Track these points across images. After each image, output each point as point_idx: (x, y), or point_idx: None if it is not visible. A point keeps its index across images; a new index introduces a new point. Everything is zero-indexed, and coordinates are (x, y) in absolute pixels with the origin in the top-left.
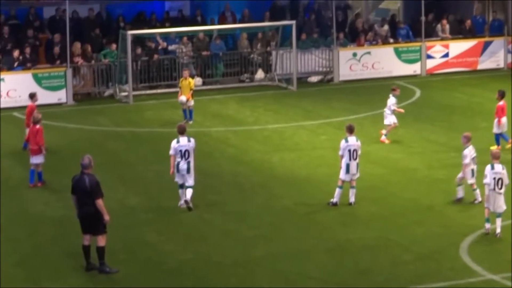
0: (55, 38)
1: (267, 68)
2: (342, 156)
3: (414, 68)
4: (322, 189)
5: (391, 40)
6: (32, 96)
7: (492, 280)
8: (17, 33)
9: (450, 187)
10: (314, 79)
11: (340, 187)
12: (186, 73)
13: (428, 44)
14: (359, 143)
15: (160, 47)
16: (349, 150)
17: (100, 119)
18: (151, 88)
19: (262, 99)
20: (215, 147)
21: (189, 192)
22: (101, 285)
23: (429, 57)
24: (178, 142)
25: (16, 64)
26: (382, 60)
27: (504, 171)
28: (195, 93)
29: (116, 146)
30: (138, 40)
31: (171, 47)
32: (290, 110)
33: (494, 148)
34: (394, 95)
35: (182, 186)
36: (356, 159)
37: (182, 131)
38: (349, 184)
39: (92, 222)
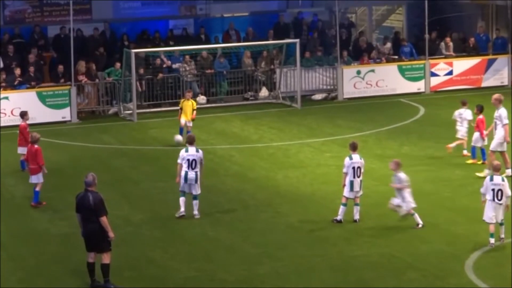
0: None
1: (271, 86)
2: (346, 174)
3: (418, 86)
4: (327, 206)
5: (395, 58)
6: (23, 115)
7: None
8: (22, 52)
9: (455, 204)
10: (318, 96)
11: (344, 205)
12: (189, 94)
13: (432, 61)
14: (362, 160)
15: (164, 66)
16: (353, 168)
17: (105, 137)
18: (155, 106)
19: (266, 117)
20: (220, 164)
21: (195, 205)
22: None
23: (433, 74)
24: (186, 151)
25: (19, 82)
26: (386, 78)
27: (504, 183)
28: (199, 111)
29: (121, 164)
30: (142, 59)
31: (175, 66)
32: (294, 128)
33: (495, 161)
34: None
35: (184, 194)
36: (359, 176)
37: (191, 141)
38: (353, 201)
39: (96, 240)
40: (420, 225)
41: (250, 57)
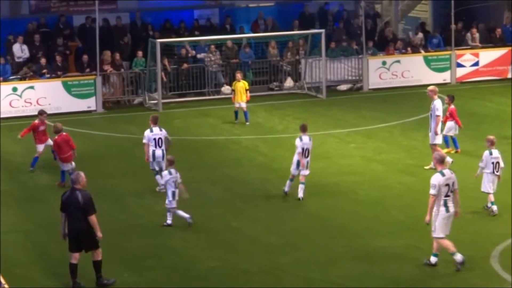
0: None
1: (297, 77)
2: (300, 153)
3: (443, 77)
4: (351, 197)
5: (421, 49)
6: (41, 113)
7: None
8: (48, 41)
9: (479, 195)
10: (343, 87)
11: (291, 180)
12: (239, 75)
13: (458, 52)
14: (311, 142)
15: (189, 56)
16: (303, 149)
17: (129, 126)
18: (180, 96)
19: (291, 107)
20: (245, 155)
21: (158, 180)
22: None
23: (459, 65)
24: (151, 131)
25: (45, 72)
26: (412, 69)
27: (500, 155)
28: (224, 101)
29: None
30: (167, 48)
31: (200, 56)
32: (319, 119)
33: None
34: None
35: (157, 172)
36: (307, 157)
37: (155, 121)
38: (299, 179)
39: (84, 239)
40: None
41: (275, 47)
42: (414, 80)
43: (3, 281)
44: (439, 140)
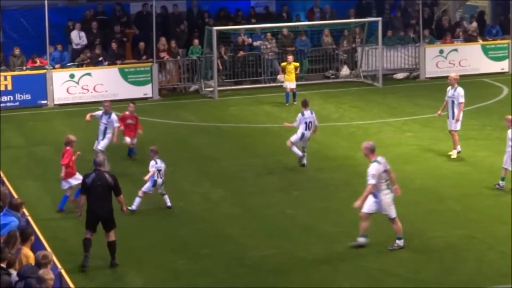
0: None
1: (353, 65)
2: (298, 127)
3: (502, 66)
4: (407, 185)
5: (479, 38)
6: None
7: None
8: (105, 28)
9: None
10: (400, 76)
11: (303, 151)
12: (290, 58)
13: None
14: (314, 115)
15: (245, 43)
16: (305, 122)
17: (185, 114)
18: (236, 83)
19: (347, 95)
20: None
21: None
22: (181, 278)
23: None
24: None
25: (102, 59)
26: (469, 58)
27: None
28: (279, 89)
29: (201, 141)
30: (223, 36)
31: (256, 43)
32: (375, 107)
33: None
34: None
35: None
36: (310, 129)
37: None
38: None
39: (108, 219)
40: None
41: (329, 35)
42: (472, 69)
43: (59, 265)
44: (459, 126)
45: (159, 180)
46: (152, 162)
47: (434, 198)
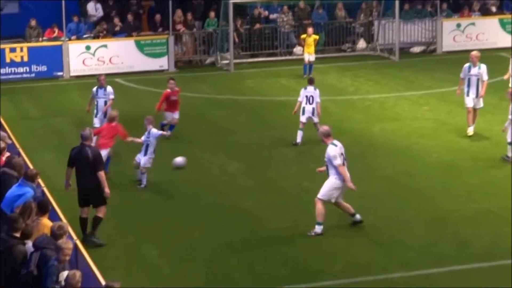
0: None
1: (369, 38)
2: (300, 102)
3: None
4: (423, 160)
5: (494, 11)
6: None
7: None
8: (121, 0)
9: None
10: (416, 49)
11: (301, 129)
12: (310, 30)
13: None
14: (317, 91)
15: (262, 16)
16: (306, 96)
17: (201, 86)
18: (252, 56)
19: (363, 69)
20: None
21: None
22: (197, 249)
23: None
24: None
25: (118, 29)
26: (487, 31)
27: None
28: (296, 62)
29: (217, 113)
30: (240, 9)
31: (272, 16)
32: (391, 80)
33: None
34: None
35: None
36: (312, 103)
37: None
38: (314, 127)
39: (93, 195)
40: None
41: (343, 9)
42: (489, 43)
43: (74, 236)
44: (482, 103)
45: (151, 149)
46: (151, 132)
47: (451, 172)
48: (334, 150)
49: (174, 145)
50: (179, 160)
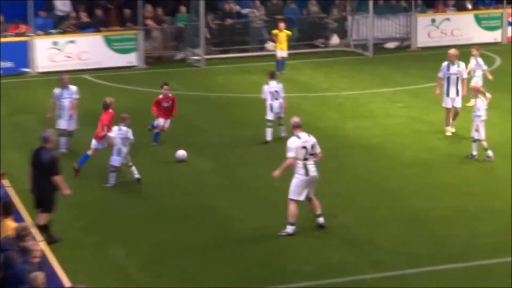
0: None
1: (343, 34)
2: (265, 99)
3: (494, 36)
4: (397, 157)
5: (470, 7)
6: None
7: None
8: None
9: None
10: (391, 45)
11: (269, 127)
12: (282, 25)
13: (510, 11)
14: (280, 85)
15: (233, 11)
16: (270, 92)
17: (171, 82)
18: (223, 52)
19: (336, 65)
20: (288, 113)
21: None
22: (165, 250)
23: (510, 24)
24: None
25: (86, 25)
26: (462, 27)
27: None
28: (268, 58)
29: (187, 110)
30: (211, 3)
31: (244, 11)
32: (365, 77)
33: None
34: None
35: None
36: (278, 99)
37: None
38: (277, 122)
39: (42, 198)
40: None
41: (316, 4)
42: (464, 39)
43: (39, 238)
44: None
45: (124, 149)
46: (115, 128)
47: (425, 170)
48: (293, 142)
49: (141, 141)
50: (181, 153)
